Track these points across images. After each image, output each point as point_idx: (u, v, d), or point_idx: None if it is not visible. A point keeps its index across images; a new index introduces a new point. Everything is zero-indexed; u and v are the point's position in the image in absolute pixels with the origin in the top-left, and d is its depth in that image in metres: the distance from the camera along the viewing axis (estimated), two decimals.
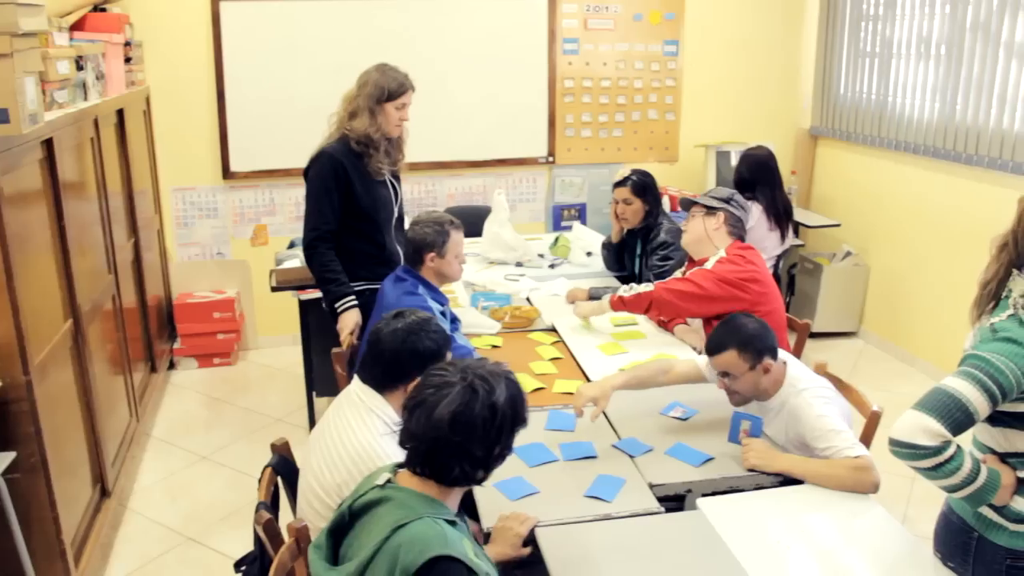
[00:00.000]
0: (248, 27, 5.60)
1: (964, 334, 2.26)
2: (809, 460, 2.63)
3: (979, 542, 2.21)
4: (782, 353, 2.87)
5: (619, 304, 3.66)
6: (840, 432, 2.60)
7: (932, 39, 5.49)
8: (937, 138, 5.45)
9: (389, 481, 1.89)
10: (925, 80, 5.58)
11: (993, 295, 2.19)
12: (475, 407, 1.83)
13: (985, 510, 2.18)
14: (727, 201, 3.62)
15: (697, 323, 3.74)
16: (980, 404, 2.02)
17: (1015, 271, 2.14)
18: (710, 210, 3.61)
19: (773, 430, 2.83)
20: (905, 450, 2.06)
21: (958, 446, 2.05)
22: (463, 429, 1.82)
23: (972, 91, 5.15)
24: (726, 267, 3.48)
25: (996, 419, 2.14)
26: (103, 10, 4.77)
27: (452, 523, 1.84)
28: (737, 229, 3.62)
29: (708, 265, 3.53)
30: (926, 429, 2.03)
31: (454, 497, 1.92)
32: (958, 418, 2.02)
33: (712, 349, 2.80)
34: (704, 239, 3.61)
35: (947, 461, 2.03)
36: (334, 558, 1.86)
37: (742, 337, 2.74)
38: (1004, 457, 2.18)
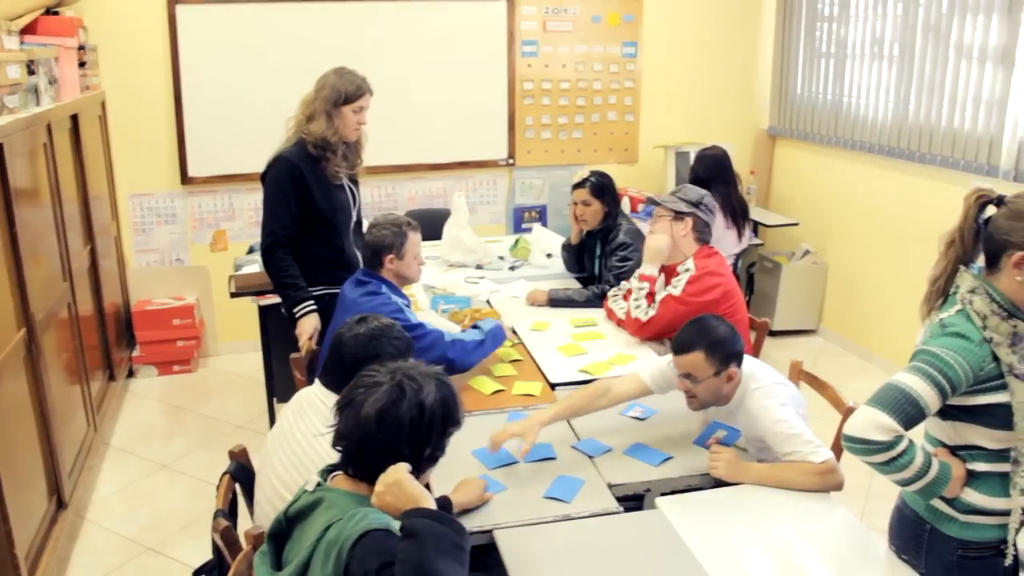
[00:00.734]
0: (205, 30, 5.55)
1: (919, 330, 2.30)
2: (774, 469, 2.61)
3: (931, 534, 2.25)
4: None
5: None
6: (801, 435, 2.59)
7: (885, 40, 5.57)
8: (891, 137, 5.53)
9: (320, 484, 1.90)
10: (879, 80, 5.66)
11: (942, 291, 2.23)
12: (402, 405, 1.83)
13: (937, 502, 2.22)
14: (697, 205, 3.62)
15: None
16: (931, 399, 2.06)
17: (962, 267, 2.18)
18: (678, 214, 3.62)
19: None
20: (859, 446, 2.09)
21: (910, 441, 2.08)
22: (390, 427, 1.82)
23: (924, 91, 5.23)
24: (695, 287, 3.53)
25: (946, 413, 2.17)
26: (55, 13, 4.71)
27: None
28: (704, 234, 3.63)
29: (676, 289, 3.56)
30: (879, 425, 2.05)
31: None
32: (910, 413, 2.06)
33: (679, 348, 2.72)
34: (672, 246, 3.64)
35: (900, 456, 2.06)
36: (277, 564, 1.86)
37: (712, 340, 2.67)
38: (954, 450, 2.22)
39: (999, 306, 2.09)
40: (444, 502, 2.38)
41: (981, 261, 2.18)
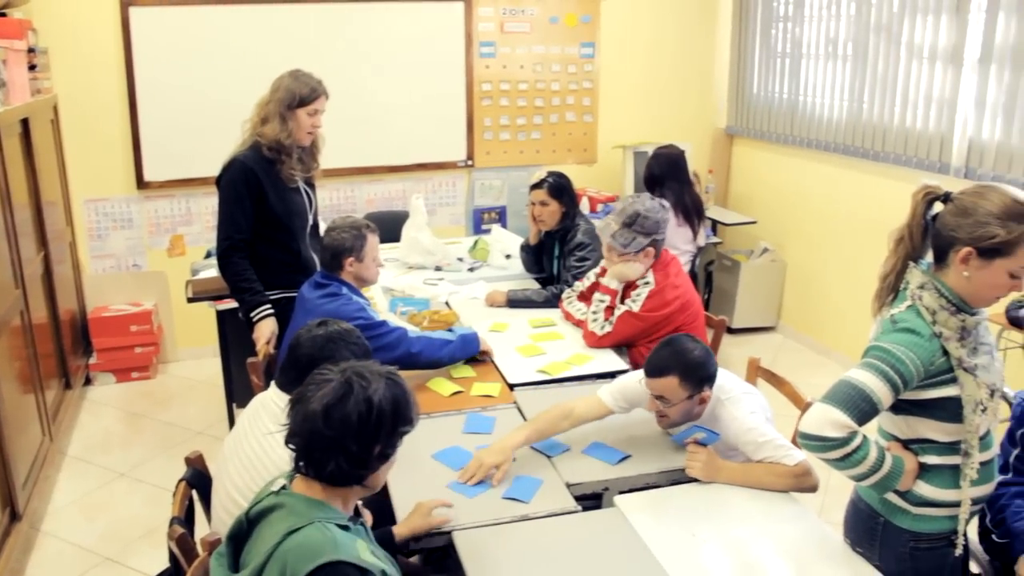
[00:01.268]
0: (159, 33, 5.48)
1: (873, 326, 2.33)
2: (749, 469, 2.63)
3: (885, 526, 2.28)
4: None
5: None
6: (772, 441, 2.62)
7: (839, 40, 5.63)
8: (846, 136, 5.60)
9: (284, 487, 1.89)
10: (834, 80, 5.73)
11: (892, 287, 2.26)
12: (349, 402, 1.82)
13: (890, 495, 2.25)
14: (631, 225, 3.56)
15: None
16: (883, 394, 2.08)
17: (912, 264, 2.21)
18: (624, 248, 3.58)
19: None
20: (814, 442, 2.11)
21: (864, 436, 2.11)
22: (337, 423, 1.81)
23: (877, 90, 5.30)
24: (655, 302, 3.56)
25: (898, 408, 2.20)
26: (3, 15, 4.63)
27: (345, 527, 1.84)
28: (655, 245, 3.61)
29: (636, 304, 3.59)
30: (833, 421, 2.08)
31: (343, 498, 1.90)
32: (863, 408, 2.08)
33: (653, 371, 2.70)
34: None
35: (854, 452, 2.09)
36: (235, 565, 1.85)
37: (687, 365, 2.65)
38: (907, 444, 2.25)
39: (947, 301, 2.12)
40: (386, 535, 2.36)
41: (930, 257, 2.22)
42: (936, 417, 2.16)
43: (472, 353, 3.51)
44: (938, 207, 2.18)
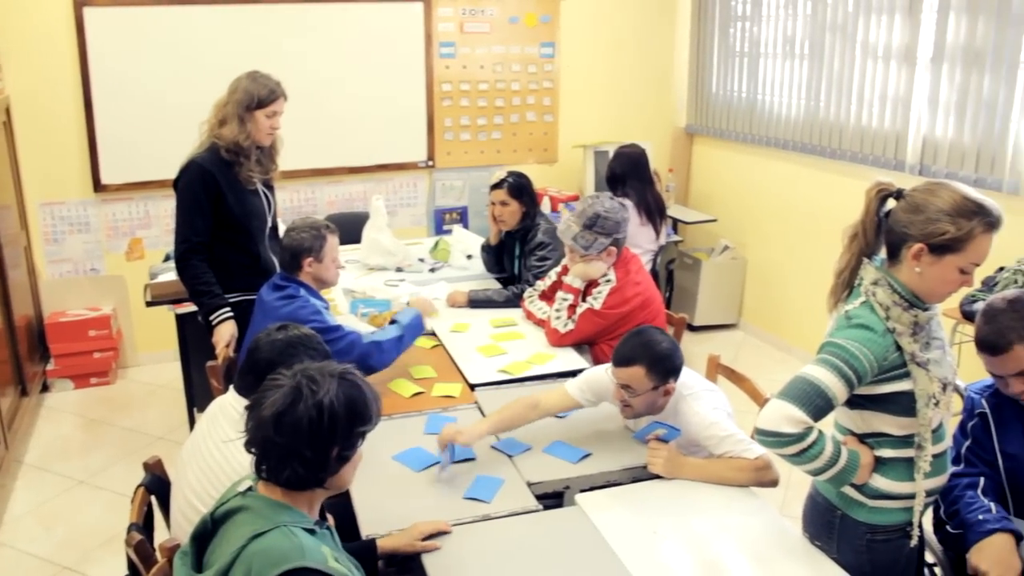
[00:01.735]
0: (115, 33, 5.42)
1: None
2: (711, 465, 2.66)
3: (842, 520, 2.31)
4: None
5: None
6: (733, 436, 2.66)
7: (796, 39, 5.69)
8: (804, 134, 5.66)
9: (250, 489, 1.88)
10: (791, 79, 5.79)
11: (847, 283, 2.29)
12: (298, 407, 1.80)
13: (847, 489, 2.28)
14: (592, 226, 3.57)
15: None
16: (838, 389, 2.11)
17: (865, 260, 2.24)
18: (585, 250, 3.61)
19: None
20: (771, 438, 2.13)
21: (819, 431, 2.14)
22: (287, 430, 1.80)
23: (834, 89, 5.37)
24: (615, 298, 3.59)
25: (854, 403, 2.23)
26: None
27: (311, 531, 1.83)
28: (616, 244, 3.63)
29: (597, 302, 3.61)
30: (789, 417, 2.10)
31: (308, 502, 1.89)
32: (818, 404, 2.11)
33: (620, 361, 2.74)
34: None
35: (810, 447, 2.12)
36: (198, 565, 1.84)
37: (654, 356, 2.70)
38: (863, 438, 2.28)
39: (900, 297, 2.15)
40: (368, 548, 2.33)
41: (884, 253, 2.25)
42: (890, 411, 2.19)
43: (420, 334, 3.53)
44: (891, 204, 2.21)
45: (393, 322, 3.44)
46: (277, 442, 1.80)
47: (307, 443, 1.81)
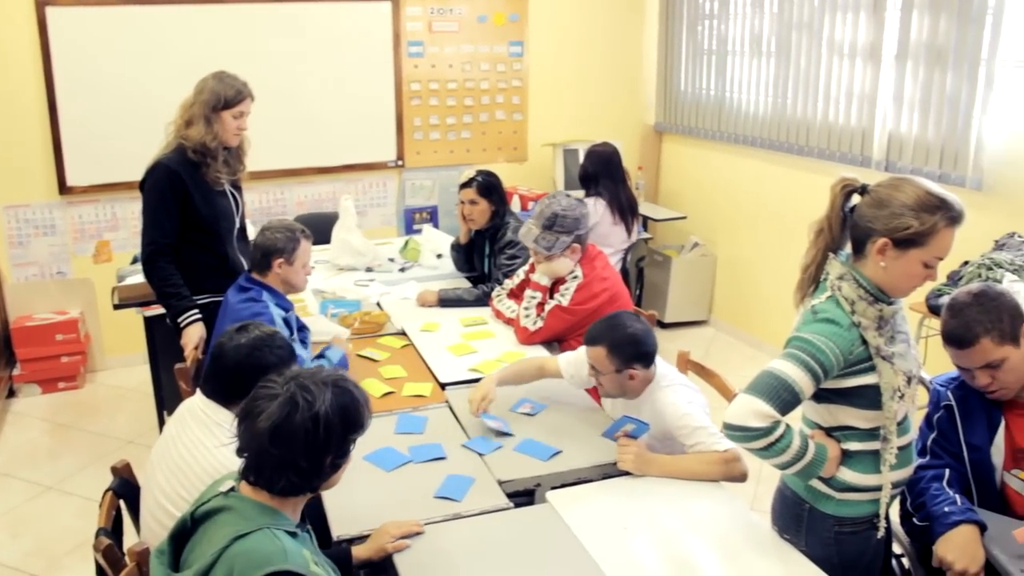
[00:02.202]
0: (79, 34, 5.36)
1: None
2: (680, 460, 2.69)
3: (810, 513, 2.33)
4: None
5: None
6: (705, 428, 2.69)
7: (763, 37, 5.73)
8: (771, 131, 5.70)
9: (232, 489, 1.87)
10: (759, 76, 5.83)
11: (813, 278, 2.32)
12: (295, 419, 1.81)
13: (815, 482, 2.30)
14: (551, 226, 3.58)
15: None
16: (805, 384, 2.13)
17: (831, 255, 2.26)
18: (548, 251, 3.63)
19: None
20: (738, 433, 2.15)
21: (787, 426, 2.15)
22: (283, 442, 1.80)
23: (801, 86, 5.41)
24: (583, 294, 3.61)
25: (820, 396, 2.25)
26: None
27: (293, 534, 1.83)
28: (579, 241, 3.65)
29: (565, 299, 3.63)
30: (756, 411, 2.12)
31: (293, 506, 1.90)
32: (785, 398, 2.13)
33: (587, 339, 2.85)
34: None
35: (777, 440, 2.13)
36: (175, 564, 1.83)
37: (616, 339, 2.77)
38: (829, 431, 2.30)
39: (866, 291, 2.18)
40: (343, 555, 2.30)
41: (849, 248, 2.27)
42: (856, 405, 2.22)
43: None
44: (856, 199, 2.24)
45: (321, 355, 3.38)
46: (273, 454, 1.80)
47: (303, 455, 1.82)
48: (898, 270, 2.15)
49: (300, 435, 1.80)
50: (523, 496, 2.64)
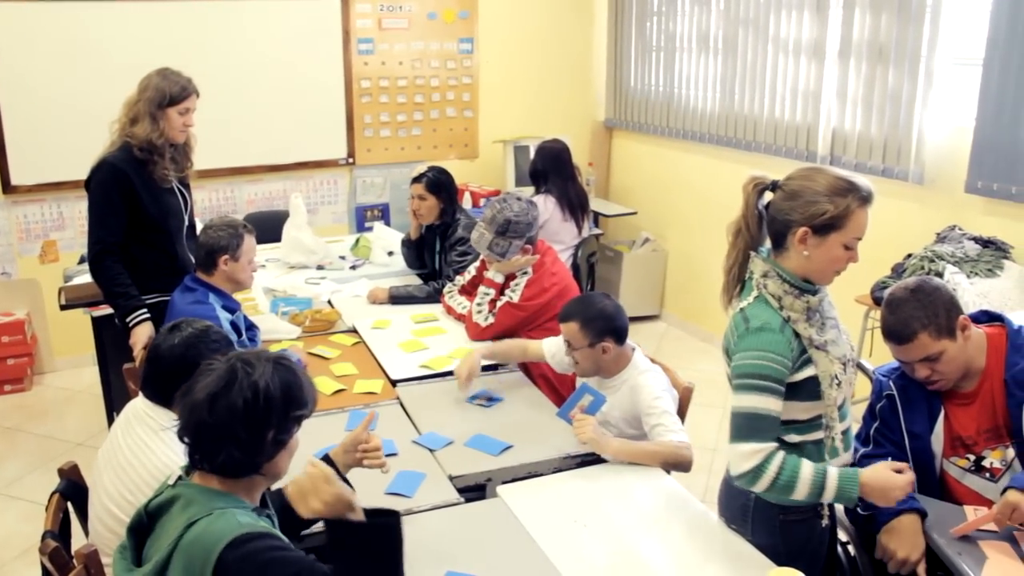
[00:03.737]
0: (21, 29, 5.27)
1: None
2: (635, 444, 2.76)
3: (756, 503, 2.36)
4: (632, 341, 3.03)
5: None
6: (670, 414, 2.78)
7: (710, 34, 5.79)
8: (719, 127, 5.77)
9: (180, 479, 1.86)
10: (706, 73, 5.89)
11: (737, 279, 2.36)
12: (233, 388, 1.79)
13: None
14: (505, 232, 3.63)
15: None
16: (771, 404, 2.16)
17: (752, 253, 2.31)
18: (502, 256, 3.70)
19: (610, 405, 2.91)
20: (744, 480, 2.17)
21: (783, 457, 2.15)
22: (223, 412, 1.78)
23: (747, 82, 5.48)
24: (532, 290, 3.66)
25: None
26: None
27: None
28: (530, 241, 3.71)
29: (515, 295, 3.67)
30: (742, 454, 2.16)
31: (245, 489, 1.87)
32: (762, 427, 2.16)
33: (561, 317, 2.98)
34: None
35: (777, 475, 2.13)
36: (138, 559, 1.82)
37: (588, 314, 2.91)
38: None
39: (791, 285, 2.22)
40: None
41: (769, 244, 2.32)
42: (797, 398, 2.24)
43: None
44: (768, 196, 2.29)
45: None
46: (211, 424, 1.78)
47: (242, 425, 1.78)
48: (821, 256, 2.19)
49: (239, 404, 1.78)
50: (474, 491, 2.66)
